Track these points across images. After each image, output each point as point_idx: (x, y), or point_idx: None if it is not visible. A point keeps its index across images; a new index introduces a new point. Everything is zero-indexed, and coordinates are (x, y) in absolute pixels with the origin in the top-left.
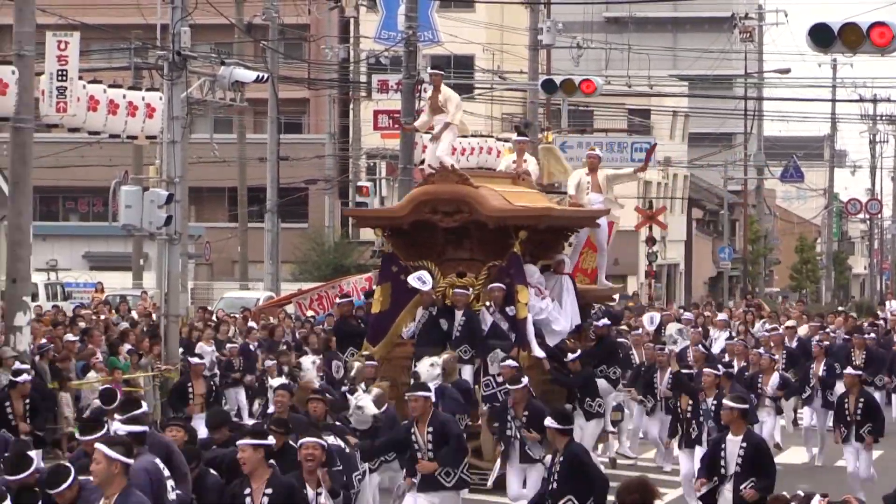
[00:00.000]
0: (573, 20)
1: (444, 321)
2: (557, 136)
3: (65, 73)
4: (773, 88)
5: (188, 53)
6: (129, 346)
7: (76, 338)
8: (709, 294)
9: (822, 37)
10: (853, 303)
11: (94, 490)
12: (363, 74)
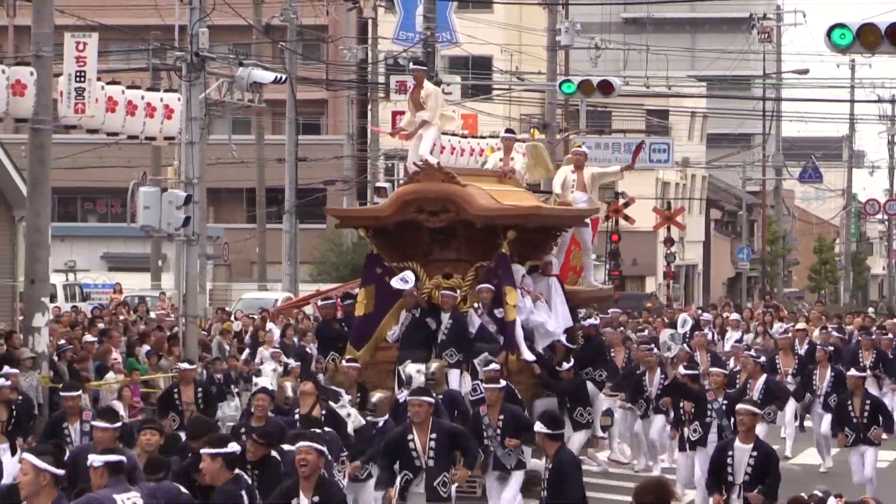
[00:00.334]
0: (591, 21)
1: (431, 320)
2: (576, 137)
3: (83, 75)
4: (792, 89)
5: (206, 54)
6: (148, 348)
7: (95, 339)
8: (727, 295)
9: (840, 37)
10: (884, 303)
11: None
12: (381, 75)
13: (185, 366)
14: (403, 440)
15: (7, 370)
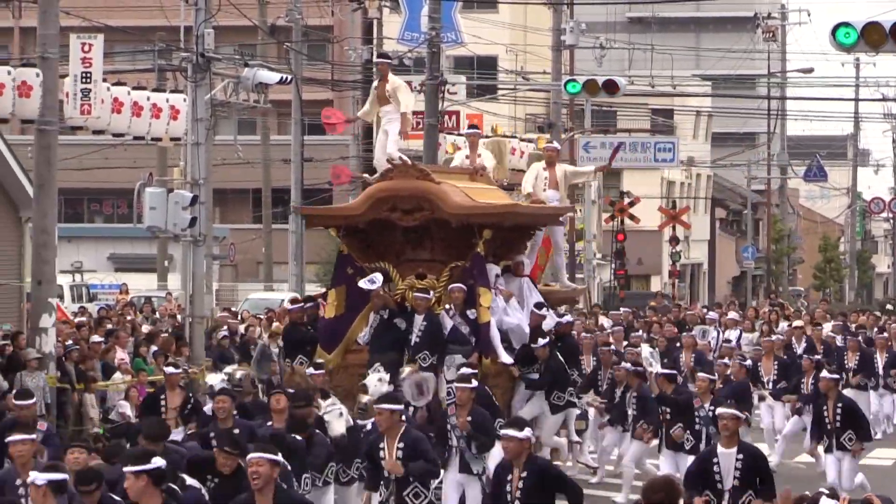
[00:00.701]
0: (596, 20)
1: (400, 321)
2: (581, 137)
3: (89, 76)
4: (797, 88)
5: (212, 55)
6: (156, 348)
7: (101, 339)
8: (732, 294)
9: (845, 36)
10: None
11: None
12: None
13: (171, 370)
14: (376, 448)
15: None
